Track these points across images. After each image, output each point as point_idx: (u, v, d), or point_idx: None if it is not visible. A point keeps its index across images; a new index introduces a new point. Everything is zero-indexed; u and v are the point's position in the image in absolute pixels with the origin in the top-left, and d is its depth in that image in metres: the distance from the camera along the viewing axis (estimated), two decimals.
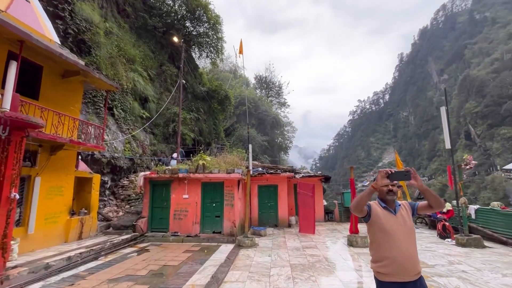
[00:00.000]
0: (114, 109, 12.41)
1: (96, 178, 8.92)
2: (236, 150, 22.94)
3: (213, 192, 9.16)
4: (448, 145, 7.20)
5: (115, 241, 7.37)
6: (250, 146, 10.61)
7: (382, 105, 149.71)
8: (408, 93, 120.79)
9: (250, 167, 9.96)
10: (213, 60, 26.15)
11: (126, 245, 7.50)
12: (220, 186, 9.07)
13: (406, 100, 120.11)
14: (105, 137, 9.90)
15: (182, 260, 5.96)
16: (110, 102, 11.96)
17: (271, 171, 10.87)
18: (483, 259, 5.43)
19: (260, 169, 11.25)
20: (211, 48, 25.15)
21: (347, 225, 10.54)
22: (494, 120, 58.03)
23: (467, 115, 66.02)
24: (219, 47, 25.11)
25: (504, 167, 48.78)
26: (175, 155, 13.09)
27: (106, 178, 10.89)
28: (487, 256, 5.66)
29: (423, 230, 9.36)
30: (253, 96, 38.37)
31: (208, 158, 9.14)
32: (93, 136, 8.06)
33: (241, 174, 8.52)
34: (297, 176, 11.20)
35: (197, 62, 27.68)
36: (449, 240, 7.30)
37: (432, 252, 6.14)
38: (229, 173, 8.66)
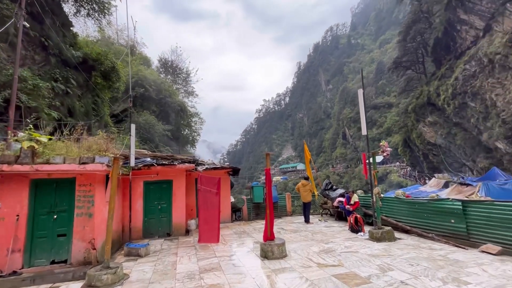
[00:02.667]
0: None
1: None
2: (126, 139, 18.22)
3: (55, 196, 5.53)
4: (364, 131, 6.60)
5: None
6: (132, 126, 7.40)
7: (283, 106, 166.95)
8: (303, 97, 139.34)
9: (132, 157, 6.80)
10: (96, 19, 19.80)
11: None
12: (69, 184, 5.55)
13: (302, 103, 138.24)
14: None
15: None
16: None
17: (163, 162, 7.98)
18: (406, 258, 4.76)
19: (148, 159, 8.15)
20: (93, 5, 18.88)
21: (257, 225, 9.04)
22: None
23: (344, 119, 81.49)
24: (106, 5, 19.21)
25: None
26: None
27: None
28: (406, 252, 5.10)
29: (331, 223, 8.96)
30: (155, 78, 32.83)
31: (44, 138, 5.37)
32: None
33: (107, 165, 5.33)
34: (199, 168, 8.82)
35: (73, 20, 20.37)
36: (362, 233, 6.82)
37: (355, 254, 5.16)
38: (84, 163, 5.28)
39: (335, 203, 9.08)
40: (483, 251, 4.80)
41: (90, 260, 5.41)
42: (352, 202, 8.19)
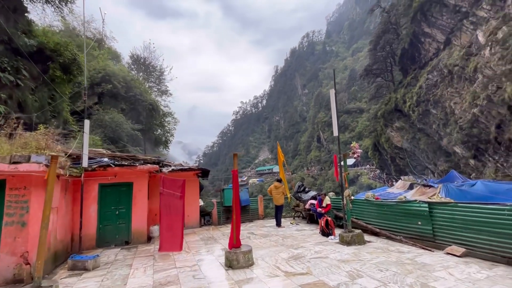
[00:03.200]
0: None
1: None
2: (92, 138, 16.79)
3: None
4: (335, 132, 6.46)
5: None
6: (86, 122, 6.59)
7: (261, 108, 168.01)
8: (280, 100, 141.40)
9: (84, 156, 6.01)
10: (57, 7, 18.03)
11: None
12: None
13: (279, 106, 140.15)
14: None
15: None
16: None
17: (122, 163, 7.20)
18: (375, 263, 4.60)
19: (105, 159, 7.31)
20: None
21: (226, 230, 8.55)
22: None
23: (319, 123, 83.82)
24: None
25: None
26: None
27: None
28: (375, 257, 4.96)
29: (303, 226, 8.75)
30: (125, 74, 30.92)
31: None
32: None
33: (46, 165, 4.54)
34: (164, 170, 8.13)
35: (30, 7, 18.35)
36: (332, 237, 6.65)
37: (325, 260, 4.91)
38: (16, 162, 4.45)
39: (307, 206, 8.92)
40: (448, 253, 4.81)
41: (22, 277, 4.56)
42: (324, 204, 8.06)
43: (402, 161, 38.86)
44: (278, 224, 8.74)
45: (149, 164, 7.46)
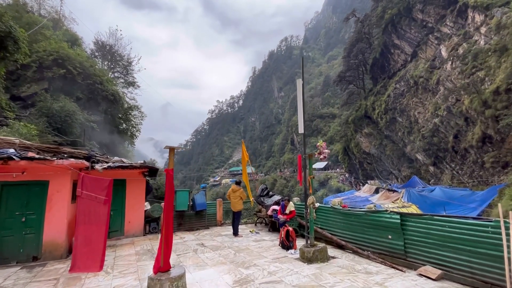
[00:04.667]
0: None
1: None
2: (26, 126, 14.31)
3: None
4: (301, 128, 5.54)
5: None
6: None
7: (237, 108, 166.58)
8: (256, 102, 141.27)
9: None
10: None
11: None
12: None
13: (255, 107, 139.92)
14: None
15: None
16: None
17: (33, 156, 5.55)
18: None
19: (11, 150, 5.60)
20: None
21: (175, 239, 7.22)
22: (307, 132, 77.77)
23: (293, 126, 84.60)
24: None
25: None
26: None
27: None
28: (339, 280, 4.07)
29: (263, 235, 7.72)
30: (83, 59, 27.77)
31: None
32: None
33: None
34: (97, 166, 6.60)
35: None
36: (292, 251, 5.69)
37: (277, 286, 3.89)
38: None
39: (269, 212, 7.94)
40: (421, 275, 4.07)
41: None
42: (287, 211, 7.12)
43: (369, 166, 40.13)
44: (235, 233, 7.61)
45: (72, 159, 5.90)
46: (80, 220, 4.87)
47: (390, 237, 4.83)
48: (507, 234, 3.20)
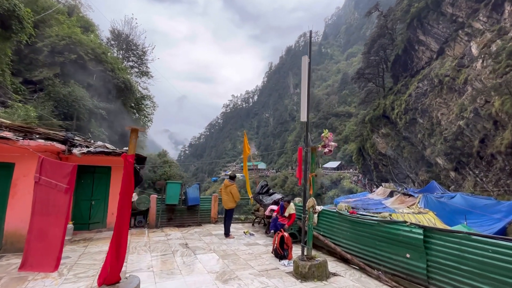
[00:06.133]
0: None
1: None
2: (26, 108, 14.16)
3: None
4: (304, 116, 4.56)
5: None
6: None
7: (251, 104, 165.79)
8: (271, 97, 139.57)
9: None
10: None
11: None
12: None
13: (270, 103, 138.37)
14: None
15: None
16: None
17: None
18: None
19: None
20: None
21: (160, 236, 6.52)
22: (322, 130, 75.69)
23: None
24: None
25: (323, 165, 64.30)
26: None
27: None
28: None
29: (258, 238, 6.84)
30: (96, 46, 27.77)
31: None
32: None
33: None
34: (75, 150, 5.93)
35: None
36: (286, 262, 4.77)
37: None
38: None
39: (267, 212, 7.04)
40: None
41: None
42: (286, 213, 6.18)
43: (384, 167, 38.17)
44: (226, 233, 6.77)
45: (41, 140, 5.24)
46: (36, 210, 4.20)
47: (408, 255, 3.80)
48: None
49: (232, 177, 7.03)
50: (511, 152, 19.22)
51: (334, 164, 63.33)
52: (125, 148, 7.28)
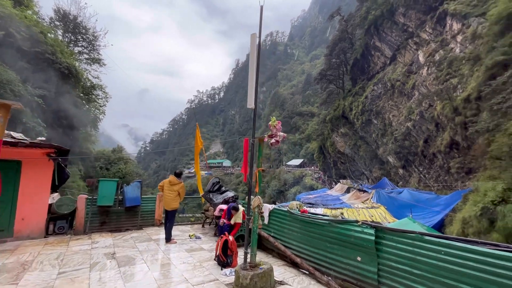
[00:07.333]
0: None
1: None
2: None
3: None
4: (251, 102, 3.94)
5: None
6: None
7: (217, 100, 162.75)
8: (238, 95, 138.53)
9: None
10: None
11: None
12: None
13: (236, 100, 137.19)
14: None
15: None
16: None
17: None
18: None
19: None
20: None
21: (83, 245, 5.34)
22: (286, 128, 77.43)
23: None
24: None
25: (286, 163, 65.70)
26: None
27: None
28: None
29: (204, 242, 6.06)
30: (32, 23, 23.85)
31: None
32: None
33: None
34: None
35: None
36: (228, 271, 4.12)
37: None
38: None
39: (216, 212, 6.32)
40: None
41: None
42: (232, 221, 5.44)
43: (343, 165, 40.18)
44: (167, 238, 5.87)
45: None
46: None
47: (359, 258, 3.44)
48: None
49: (179, 174, 6.09)
50: (449, 152, 21.36)
51: (297, 161, 65.17)
52: (40, 139, 5.90)
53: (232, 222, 5.33)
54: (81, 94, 32.97)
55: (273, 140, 3.57)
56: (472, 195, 13.16)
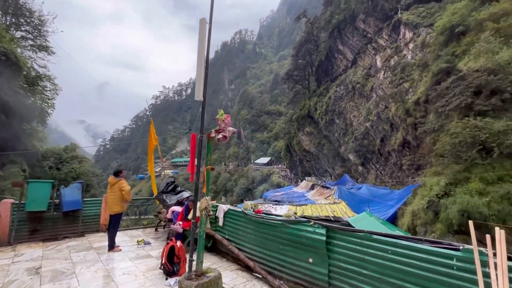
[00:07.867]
0: None
1: None
2: None
3: None
4: (199, 94, 3.56)
5: None
6: None
7: (184, 97, 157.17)
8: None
9: None
10: None
11: None
12: None
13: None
14: None
15: None
16: None
17: None
18: None
19: None
20: None
21: (1, 259, 4.44)
22: (254, 127, 77.63)
23: (241, 120, 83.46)
24: None
25: (255, 161, 65.96)
26: None
27: None
28: None
29: (154, 248, 5.52)
30: None
31: None
32: None
33: None
34: None
35: None
36: (173, 281, 3.71)
37: None
38: None
39: (169, 215, 5.82)
40: None
41: None
42: (190, 216, 5.08)
43: (308, 163, 41.49)
44: (111, 245, 5.20)
45: None
46: None
47: (311, 260, 3.30)
48: (486, 274, 1.89)
49: (117, 173, 5.40)
50: (402, 150, 23.16)
51: (265, 160, 65.79)
52: None
53: (190, 217, 4.92)
54: (25, 85, 29.13)
55: (220, 136, 3.26)
56: (420, 189, 14.40)
